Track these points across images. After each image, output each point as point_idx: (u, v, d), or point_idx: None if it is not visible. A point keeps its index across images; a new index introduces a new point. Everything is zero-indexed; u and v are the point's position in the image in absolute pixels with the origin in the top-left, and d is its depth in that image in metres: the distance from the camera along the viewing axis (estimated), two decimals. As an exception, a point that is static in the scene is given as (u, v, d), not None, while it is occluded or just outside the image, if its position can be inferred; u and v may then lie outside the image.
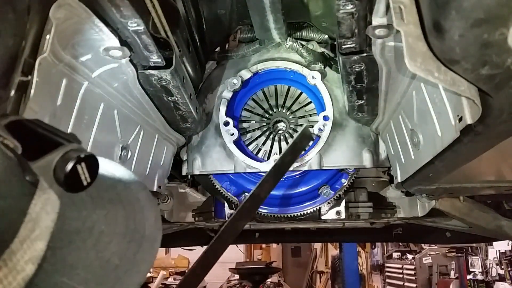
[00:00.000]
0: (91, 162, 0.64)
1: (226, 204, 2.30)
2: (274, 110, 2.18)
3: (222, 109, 2.05)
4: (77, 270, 0.63)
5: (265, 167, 2.01)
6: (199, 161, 2.09)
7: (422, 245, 9.72)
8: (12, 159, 0.57)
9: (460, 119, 1.04)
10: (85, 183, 0.62)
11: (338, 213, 2.26)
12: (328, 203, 2.16)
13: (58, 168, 0.60)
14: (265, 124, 2.17)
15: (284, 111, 2.18)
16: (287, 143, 2.14)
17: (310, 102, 2.14)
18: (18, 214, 0.54)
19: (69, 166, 0.60)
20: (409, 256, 10.30)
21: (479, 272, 8.36)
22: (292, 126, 2.15)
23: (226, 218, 2.31)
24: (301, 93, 2.16)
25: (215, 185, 2.17)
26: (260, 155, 2.14)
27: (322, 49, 1.98)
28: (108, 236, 0.67)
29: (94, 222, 0.66)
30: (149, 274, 10.08)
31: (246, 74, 2.06)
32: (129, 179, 0.80)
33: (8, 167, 0.56)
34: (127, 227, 0.71)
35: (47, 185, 0.58)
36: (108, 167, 0.78)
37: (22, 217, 0.54)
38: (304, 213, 2.17)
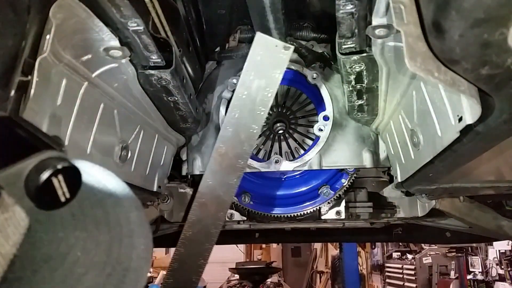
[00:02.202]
0: (72, 175, 0.53)
1: (226, 204, 2.30)
2: (274, 110, 2.18)
3: (222, 109, 2.04)
4: None
5: (265, 167, 2.01)
6: (199, 161, 2.09)
7: (422, 245, 9.72)
8: None
9: (460, 119, 1.04)
10: (62, 199, 0.52)
11: (338, 213, 2.26)
12: (328, 203, 2.16)
13: (30, 179, 0.50)
14: (265, 124, 2.17)
15: (284, 111, 2.18)
16: (287, 143, 2.14)
17: (310, 102, 2.14)
18: None
19: (42, 177, 0.50)
20: (409, 256, 10.30)
21: (479, 272, 8.36)
22: (292, 126, 2.15)
23: (226, 218, 2.31)
24: (301, 93, 2.16)
25: (215, 185, 2.17)
26: (260, 155, 2.14)
27: (322, 49, 1.98)
28: (83, 266, 0.55)
29: (70, 247, 0.55)
30: (149, 274, 10.08)
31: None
32: (122, 193, 0.67)
33: None
34: (109, 255, 0.58)
35: (12, 200, 0.48)
36: (100, 176, 0.66)
37: None
38: (304, 213, 2.17)
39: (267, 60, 1.10)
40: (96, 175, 0.66)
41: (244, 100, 1.08)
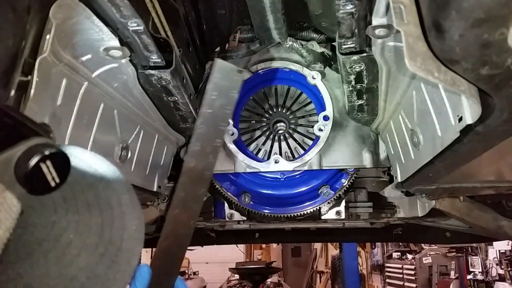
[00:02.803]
0: (60, 160, 0.54)
1: (226, 204, 2.30)
2: (274, 110, 2.18)
3: (222, 109, 2.04)
4: None
5: (265, 167, 2.01)
6: (199, 161, 2.09)
7: (422, 245, 9.72)
8: None
9: (460, 119, 1.04)
10: (52, 184, 0.53)
11: (338, 213, 2.26)
12: (328, 203, 2.16)
13: (19, 165, 0.51)
14: (265, 124, 2.17)
15: (284, 111, 2.18)
16: (287, 143, 2.14)
17: (310, 102, 2.14)
18: None
19: (31, 163, 0.51)
20: (409, 256, 10.30)
21: (479, 272, 8.36)
22: (292, 126, 2.15)
23: (226, 218, 2.31)
24: (301, 93, 2.16)
25: (215, 185, 2.17)
26: (260, 155, 2.14)
27: (322, 49, 1.98)
28: (76, 247, 0.57)
29: (62, 230, 0.57)
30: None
31: (246, 74, 2.05)
32: (112, 176, 0.69)
33: None
34: (101, 236, 0.60)
35: (2, 186, 0.50)
36: (90, 161, 0.68)
37: None
38: (304, 213, 2.17)
39: (225, 83, 1.28)
40: (86, 160, 0.67)
41: (209, 118, 1.22)
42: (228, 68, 1.35)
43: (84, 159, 0.67)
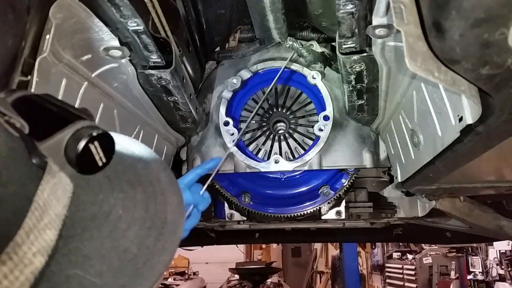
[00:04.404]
0: (106, 141, 0.58)
1: (226, 204, 2.30)
2: (274, 110, 2.18)
3: (222, 109, 2.04)
4: (92, 261, 0.57)
5: (265, 167, 2.01)
6: (199, 161, 2.09)
7: (422, 245, 9.71)
8: (18, 140, 0.51)
9: (461, 119, 1.04)
10: (100, 163, 0.57)
11: (338, 213, 2.25)
12: (328, 203, 2.16)
13: (69, 147, 0.54)
14: (265, 124, 2.17)
15: (284, 111, 2.18)
16: (287, 143, 2.14)
17: (310, 102, 2.14)
18: (23, 202, 0.48)
19: (81, 145, 0.54)
20: (409, 256, 10.29)
21: (480, 272, 8.35)
22: (292, 126, 2.15)
23: (226, 219, 2.31)
24: (301, 93, 2.16)
25: (215, 185, 2.17)
26: (260, 155, 2.14)
27: (322, 49, 1.98)
28: (125, 222, 0.61)
29: (111, 206, 0.61)
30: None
31: (246, 74, 2.05)
32: (149, 157, 0.73)
33: (12, 149, 0.49)
34: (146, 211, 0.64)
35: (57, 167, 0.53)
36: (127, 144, 0.73)
37: (28, 205, 0.48)
38: (304, 213, 2.17)
39: None
40: (122, 143, 0.72)
41: None
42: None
43: (120, 142, 0.70)
